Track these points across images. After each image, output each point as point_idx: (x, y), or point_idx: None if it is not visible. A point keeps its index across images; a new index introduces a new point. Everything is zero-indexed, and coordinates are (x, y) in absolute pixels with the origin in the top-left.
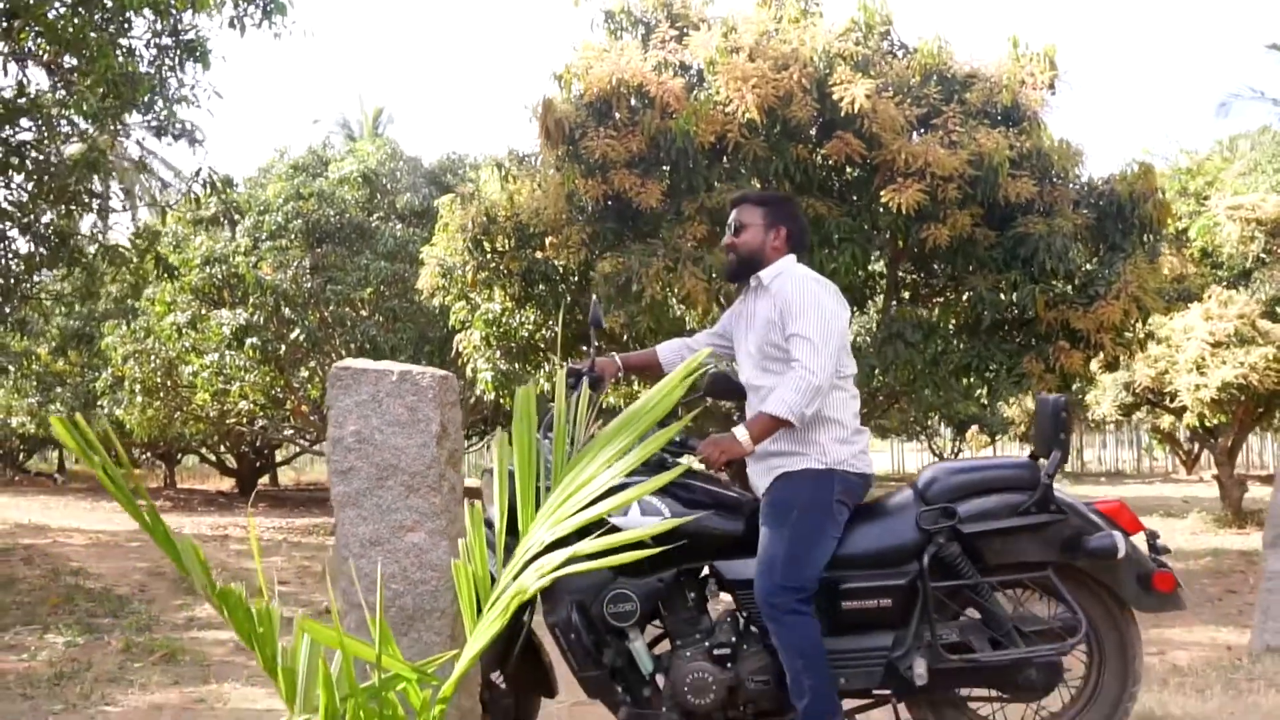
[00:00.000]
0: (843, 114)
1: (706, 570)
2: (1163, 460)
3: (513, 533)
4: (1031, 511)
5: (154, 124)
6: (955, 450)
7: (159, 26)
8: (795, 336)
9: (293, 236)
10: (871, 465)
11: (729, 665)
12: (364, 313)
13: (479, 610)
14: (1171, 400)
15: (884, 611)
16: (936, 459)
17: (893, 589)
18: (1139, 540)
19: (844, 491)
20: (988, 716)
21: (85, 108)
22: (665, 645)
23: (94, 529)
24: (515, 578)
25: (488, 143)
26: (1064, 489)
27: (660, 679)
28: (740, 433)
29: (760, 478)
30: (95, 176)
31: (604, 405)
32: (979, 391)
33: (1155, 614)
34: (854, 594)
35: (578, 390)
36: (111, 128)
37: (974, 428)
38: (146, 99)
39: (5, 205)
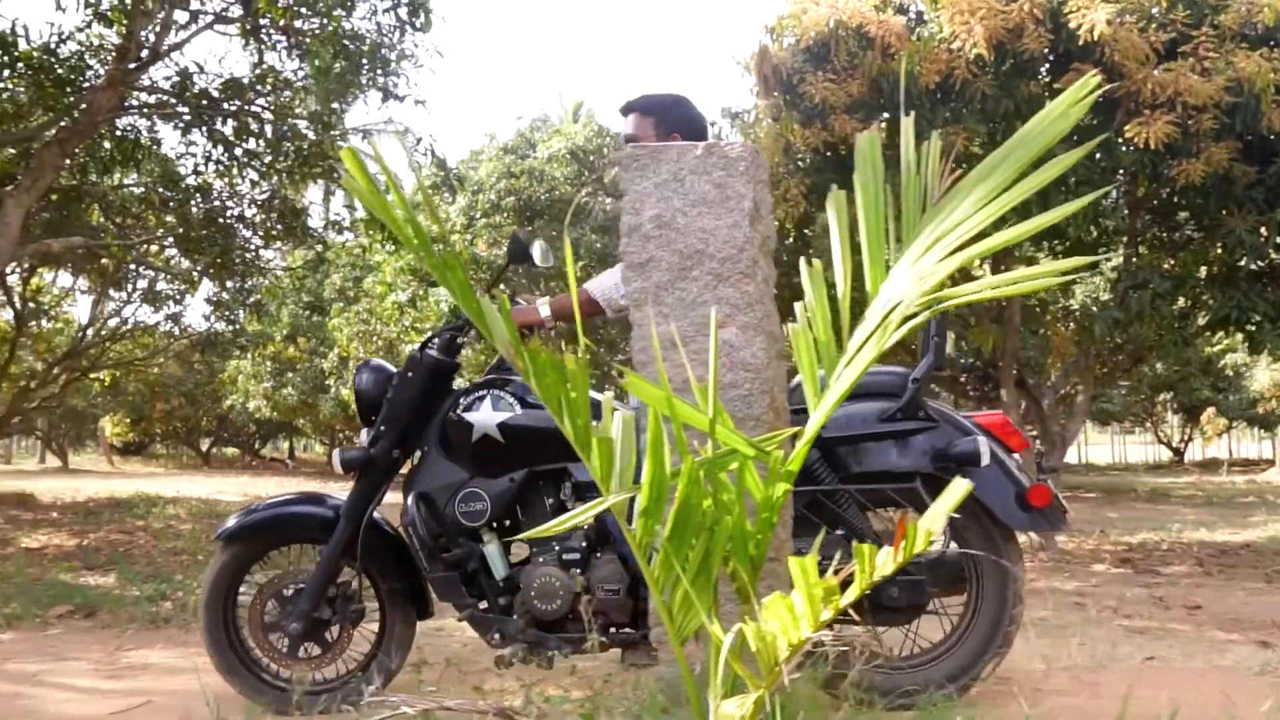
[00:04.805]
0: (1080, 43)
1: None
2: None
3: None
4: (898, 418)
5: (381, 87)
6: (1185, 439)
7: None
8: None
9: (505, 214)
10: None
11: (579, 572)
12: None
13: (823, 387)
14: None
15: None
16: (1166, 448)
17: None
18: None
19: None
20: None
21: (318, 63)
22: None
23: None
24: (873, 330)
25: None
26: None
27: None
28: (542, 304)
29: None
30: (325, 140)
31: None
32: (1222, 363)
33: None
34: None
35: (466, 338)
36: (341, 93)
37: (1209, 411)
38: (370, 65)
39: (244, 182)
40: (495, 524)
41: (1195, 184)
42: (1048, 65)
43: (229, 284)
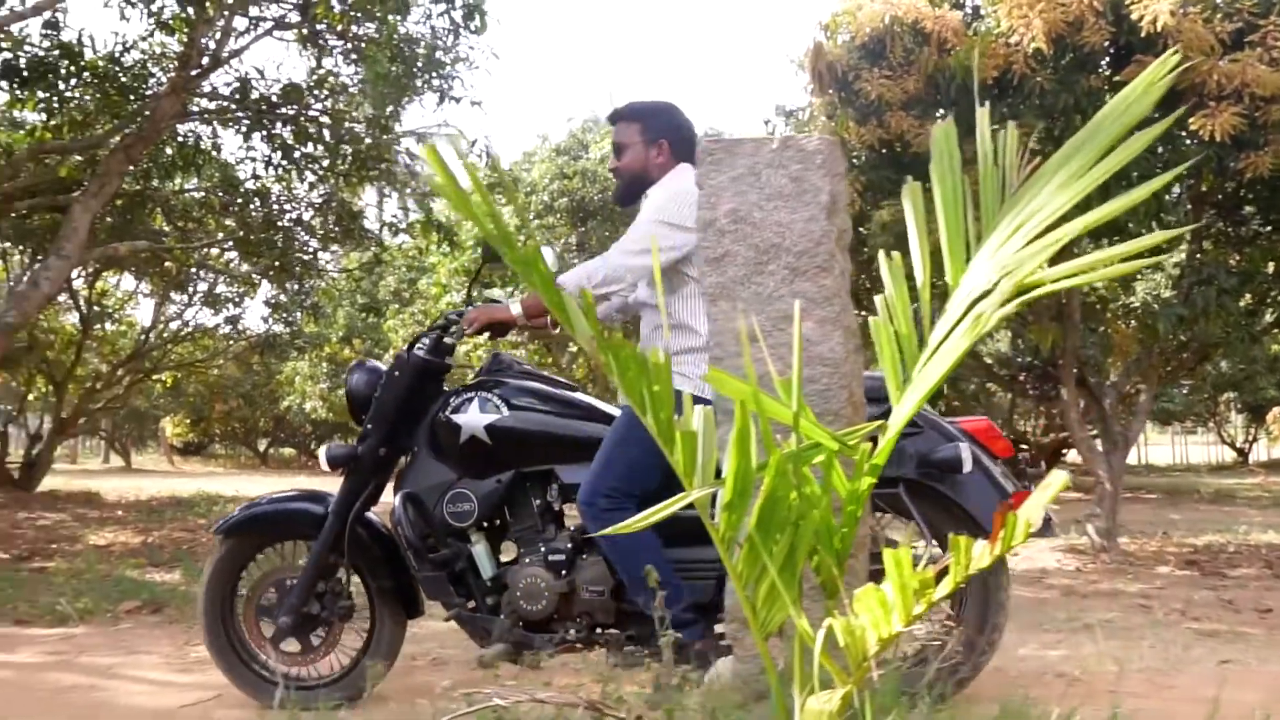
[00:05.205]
0: (1142, 36)
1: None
2: None
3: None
4: None
5: (437, 89)
6: (1249, 440)
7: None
8: (634, 222)
9: (559, 215)
10: None
11: (564, 573)
12: None
13: (905, 379)
14: None
15: None
16: (1230, 448)
17: None
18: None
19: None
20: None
21: (377, 69)
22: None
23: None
24: (957, 322)
25: (742, 124)
26: None
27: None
28: (513, 302)
29: None
30: (382, 143)
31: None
32: None
33: None
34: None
35: (453, 337)
36: (397, 97)
37: (1275, 410)
38: (426, 68)
39: (302, 186)
40: (484, 524)
41: (1263, 177)
42: (1108, 59)
43: (287, 286)
